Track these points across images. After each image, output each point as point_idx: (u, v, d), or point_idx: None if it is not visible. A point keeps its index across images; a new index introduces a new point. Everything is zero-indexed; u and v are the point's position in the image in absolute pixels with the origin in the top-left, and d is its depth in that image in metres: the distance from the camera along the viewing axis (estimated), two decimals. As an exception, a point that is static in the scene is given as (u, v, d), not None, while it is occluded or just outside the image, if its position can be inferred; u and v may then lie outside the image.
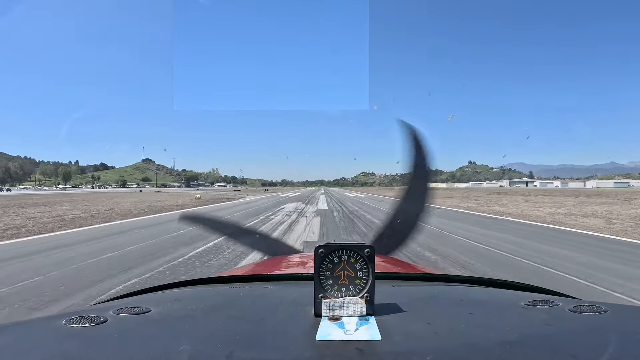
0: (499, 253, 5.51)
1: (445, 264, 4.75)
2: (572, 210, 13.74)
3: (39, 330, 0.50)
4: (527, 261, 4.90)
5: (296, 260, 1.32)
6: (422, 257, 5.06)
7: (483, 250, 5.74)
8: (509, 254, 5.38)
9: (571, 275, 4.13)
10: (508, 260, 5.01)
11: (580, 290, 3.57)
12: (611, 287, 3.67)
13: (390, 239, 1.36)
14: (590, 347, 0.42)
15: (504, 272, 4.37)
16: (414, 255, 5.06)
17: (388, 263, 1.23)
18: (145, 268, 4.46)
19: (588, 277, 4.06)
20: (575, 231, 8.14)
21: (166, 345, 0.43)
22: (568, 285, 3.74)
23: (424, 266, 1.62)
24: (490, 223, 9.91)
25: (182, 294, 0.72)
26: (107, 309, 0.56)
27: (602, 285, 3.72)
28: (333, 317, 0.51)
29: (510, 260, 5.04)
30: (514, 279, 0.86)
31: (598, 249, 5.80)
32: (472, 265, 4.66)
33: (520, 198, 25.41)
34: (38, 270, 4.31)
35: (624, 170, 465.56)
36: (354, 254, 0.53)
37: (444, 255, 5.25)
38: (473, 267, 4.60)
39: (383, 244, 1.37)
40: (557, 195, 30.83)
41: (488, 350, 0.41)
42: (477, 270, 4.43)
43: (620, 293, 3.46)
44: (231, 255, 5.19)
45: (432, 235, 7.04)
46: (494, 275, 4.01)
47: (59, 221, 10.04)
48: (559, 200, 22.46)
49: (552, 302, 0.58)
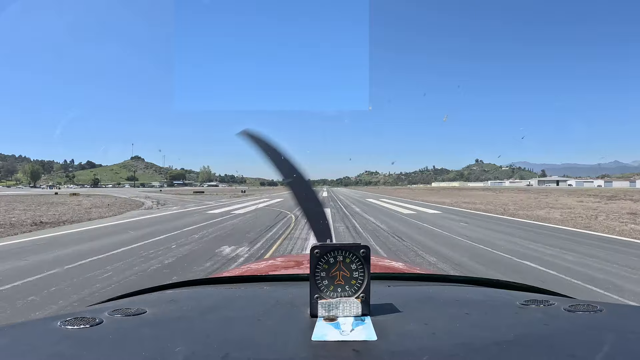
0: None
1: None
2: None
3: (34, 332, 0.51)
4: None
5: (292, 260, 1.33)
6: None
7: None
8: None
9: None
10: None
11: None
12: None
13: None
14: (586, 346, 0.43)
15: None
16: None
17: (384, 263, 1.24)
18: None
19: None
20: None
21: (162, 346, 0.45)
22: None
23: (419, 266, 1.63)
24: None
25: (178, 295, 0.74)
26: (103, 310, 0.57)
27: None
28: (329, 318, 0.52)
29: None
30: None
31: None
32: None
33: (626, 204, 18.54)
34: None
35: (628, 170, 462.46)
36: (350, 254, 0.54)
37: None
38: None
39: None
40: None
41: (484, 350, 0.43)
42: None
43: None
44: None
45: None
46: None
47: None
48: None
49: (548, 302, 0.59)
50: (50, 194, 43.17)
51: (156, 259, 5.96)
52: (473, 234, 8.97)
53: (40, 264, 5.51)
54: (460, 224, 11.47)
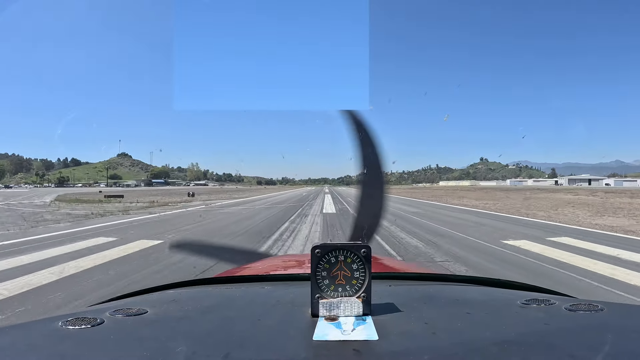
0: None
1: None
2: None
3: (35, 332, 0.52)
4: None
5: (292, 260, 1.35)
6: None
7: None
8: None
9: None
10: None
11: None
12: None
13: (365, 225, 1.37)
14: (586, 346, 0.44)
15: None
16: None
17: (385, 263, 1.26)
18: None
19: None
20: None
21: (163, 346, 0.46)
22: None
23: (420, 266, 1.65)
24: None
25: (179, 295, 0.75)
26: (104, 310, 0.59)
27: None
28: (330, 317, 0.53)
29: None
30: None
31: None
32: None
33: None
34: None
35: (629, 169, 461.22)
36: (351, 254, 0.56)
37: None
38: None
39: (361, 232, 1.39)
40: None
41: (485, 349, 0.44)
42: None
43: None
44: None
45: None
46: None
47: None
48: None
49: (549, 301, 0.60)
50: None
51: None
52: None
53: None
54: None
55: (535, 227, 9.72)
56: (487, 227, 9.64)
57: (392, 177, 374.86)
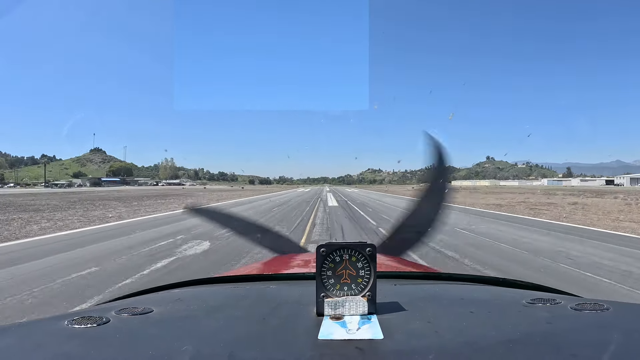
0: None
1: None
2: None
3: (41, 331, 0.54)
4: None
5: (298, 259, 1.37)
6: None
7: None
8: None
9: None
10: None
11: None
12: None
13: (403, 238, 1.43)
14: (592, 346, 0.45)
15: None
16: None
17: (390, 262, 1.28)
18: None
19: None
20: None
21: (168, 345, 0.48)
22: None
23: (425, 265, 1.68)
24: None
25: (184, 294, 0.77)
26: (109, 309, 0.61)
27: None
28: (335, 316, 0.55)
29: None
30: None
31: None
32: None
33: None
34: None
35: (629, 169, 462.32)
36: (356, 252, 0.58)
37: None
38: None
39: (395, 243, 1.44)
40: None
41: (490, 348, 0.45)
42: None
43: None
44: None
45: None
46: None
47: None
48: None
49: (554, 300, 0.62)
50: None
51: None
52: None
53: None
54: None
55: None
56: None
57: (394, 176, 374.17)
